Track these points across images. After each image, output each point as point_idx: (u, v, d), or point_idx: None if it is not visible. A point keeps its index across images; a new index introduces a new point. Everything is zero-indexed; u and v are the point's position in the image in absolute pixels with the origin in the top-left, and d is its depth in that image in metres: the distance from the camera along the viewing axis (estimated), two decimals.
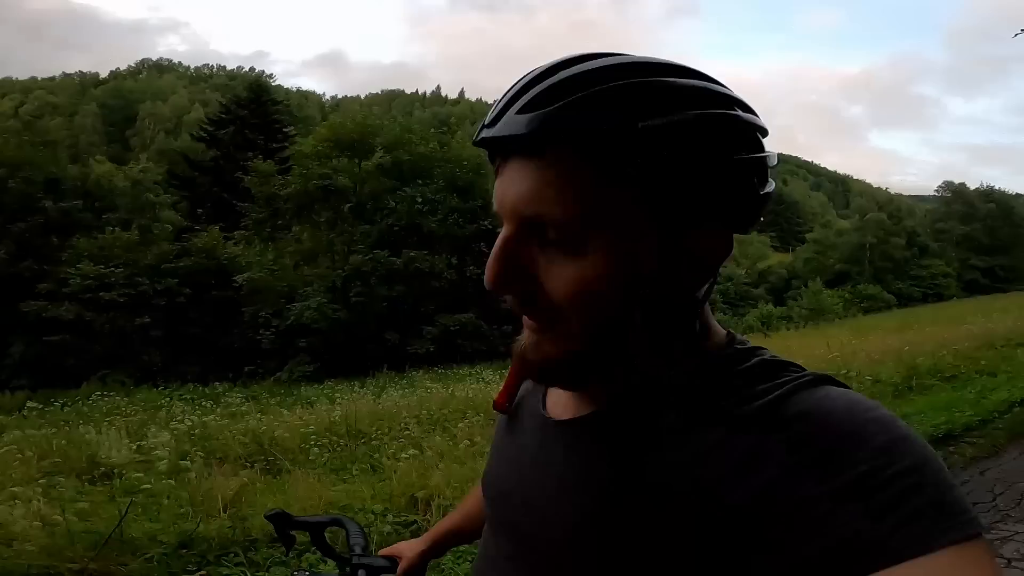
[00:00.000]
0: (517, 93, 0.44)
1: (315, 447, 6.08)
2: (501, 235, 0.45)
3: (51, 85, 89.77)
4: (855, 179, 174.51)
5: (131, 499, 3.21)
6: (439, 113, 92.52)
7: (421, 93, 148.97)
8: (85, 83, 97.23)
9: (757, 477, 0.39)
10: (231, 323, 19.58)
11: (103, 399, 13.24)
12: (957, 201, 54.79)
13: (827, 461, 0.38)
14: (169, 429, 7.54)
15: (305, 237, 20.20)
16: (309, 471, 5.05)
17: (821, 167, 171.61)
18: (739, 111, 0.44)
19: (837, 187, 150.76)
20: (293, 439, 6.63)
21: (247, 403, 12.16)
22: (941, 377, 6.30)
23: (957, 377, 6.29)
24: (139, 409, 11.85)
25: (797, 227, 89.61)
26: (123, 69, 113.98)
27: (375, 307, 17.92)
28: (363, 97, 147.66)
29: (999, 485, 3.42)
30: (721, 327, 0.51)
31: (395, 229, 18.70)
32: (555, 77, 0.42)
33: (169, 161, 37.51)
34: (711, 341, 0.50)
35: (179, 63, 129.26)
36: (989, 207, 52.10)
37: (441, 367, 15.82)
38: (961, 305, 28.78)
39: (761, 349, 0.49)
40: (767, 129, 0.46)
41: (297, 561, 2.59)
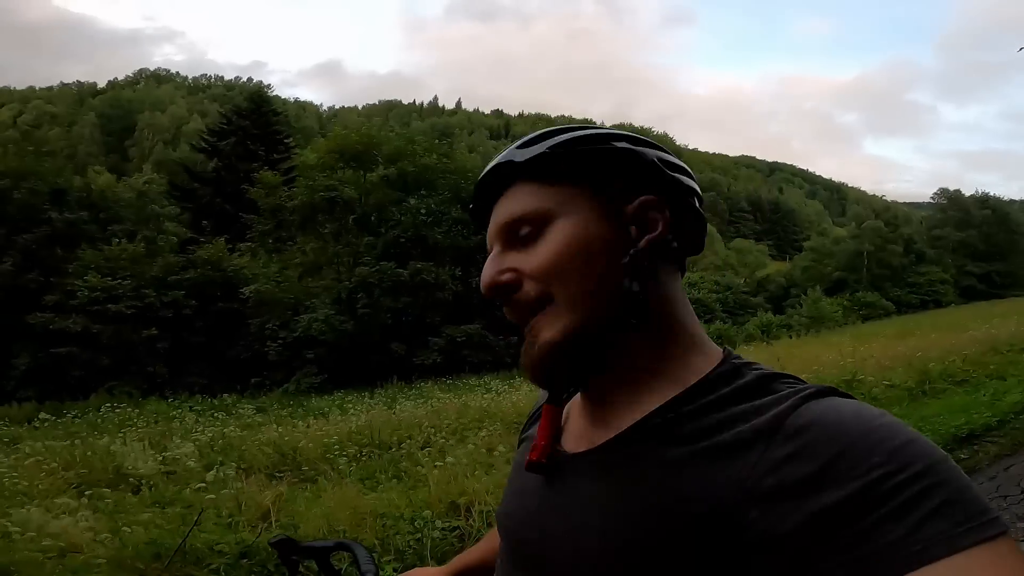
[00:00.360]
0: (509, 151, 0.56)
1: (340, 457, 6.11)
2: (491, 254, 0.55)
3: (49, 95, 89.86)
4: (850, 187, 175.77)
5: (202, 508, 3.24)
6: (437, 124, 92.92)
7: (418, 103, 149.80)
8: (83, 93, 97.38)
9: (775, 493, 0.40)
10: (237, 335, 19.62)
11: (114, 410, 13.26)
12: (953, 208, 54.96)
13: (840, 469, 0.39)
14: (191, 440, 7.63)
15: (310, 249, 20.26)
16: (338, 481, 5.13)
17: (816, 175, 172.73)
18: (613, 131, 0.56)
19: (832, 195, 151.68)
20: (315, 449, 6.70)
21: (258, 414, 12.22)
22: (952, 381, 6.46)
23: (968, 381, 6.46)
24: (151, 420, 11.90)
25: (794, 235, 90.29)
26: (121, 79, 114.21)
27: (381, 319, 17.98)
28: (360, 107, 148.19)
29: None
30: (715, 344, 0.55)
31: (401, 241, 18.81)
32: (542, 139, 0.55)
33: (169, 172, 37.55)
34: (708, 357, 0.53)
35: (177, 73, 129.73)
36: (984, 213, 52.19)
37: (449, 378, 15.89)
38: (959, 311, 28.94)
39: (756, 364, 0.52)
40: (639, 136, 0.56)
41: None
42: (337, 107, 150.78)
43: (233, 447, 7.14)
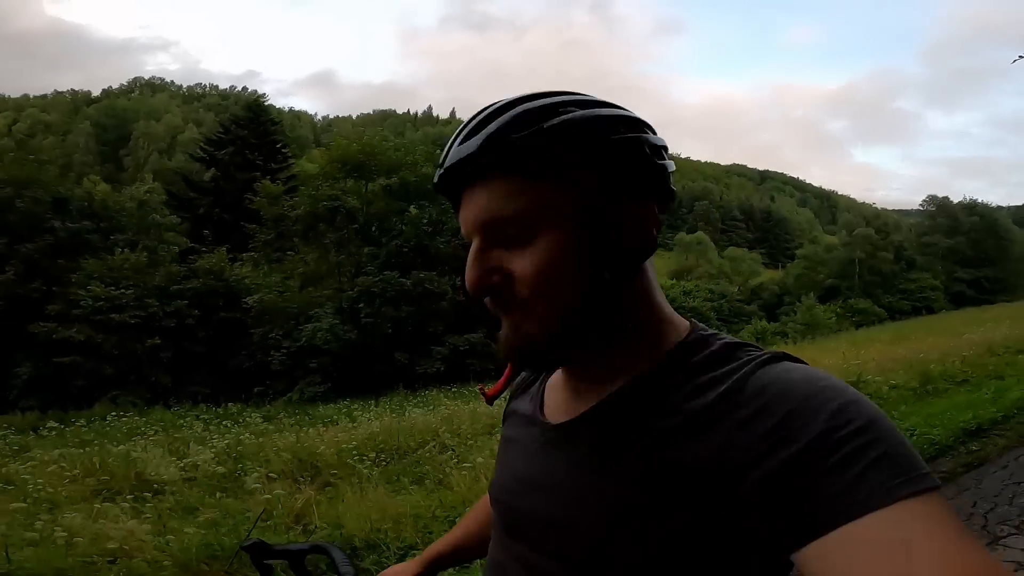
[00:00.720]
0: (457, 135, 0.53)
1: (359, 462, 6.20)
2: (472, 248, 0.53)
3: (43, 103, 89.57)
4: (840, 194, 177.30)
5: (263, 509, 3.38)
6: (431, 133, 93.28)
7: (413, 113, 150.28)
8: (77, 101, 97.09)
9: (740, 454, 0.43)
10: (239, 344, 19.68)
11: (120, 419, 13.29)
12: (941, 215, 55.50)
13: (790, 428, 0.42)
14: (208, 447, 7.73)
15: (312, 258, 20.35)
16: (361, 484, 5.26)
17: (807, 183, 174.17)
18: (616, 110, 0.53)
19: (823, 203, 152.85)
20: (334, 455, 6.81)
21: (266, 423, 12.28)
22: (953, 382, 6.75)
23: (969, 381, 6.75)
24: (158, 429, 11.95)
25: (786, 244, 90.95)
26: (115, 87, 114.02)
27: (384, 328, 18.10)
28: (355, 117, 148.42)
29: None
30: (682, 316, 0.57)
31: (403, 250, 18.96)
32: (482, 115, 0.52)
33: (165, 181, 37.52)
34: (676, 329, 0.55)
35: (171, 82, 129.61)
36: (973, 220, 52.76)
37: (453, 385, 16.01)
38: (951, 317, 29.14)
39: (722, 333, 0.54)
40: (641, 120, 0.54)
41: None
42: (332, 117, 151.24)
43: (251, 453, 7.24)
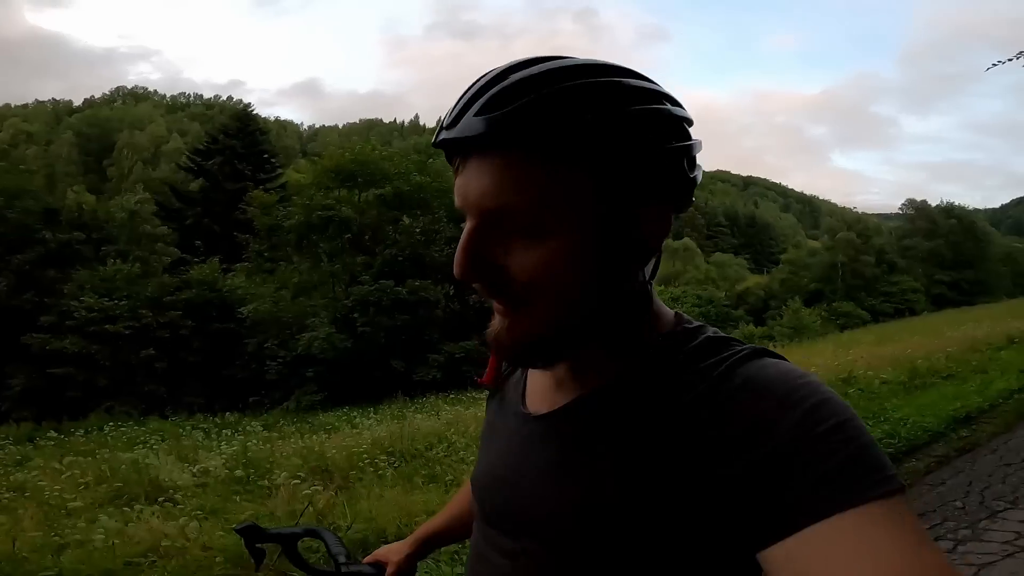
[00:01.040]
0: (473, 96, 0.46)
1: (369, 465, 6.37)
2: (466, 228, 0.48)
3: (24, 112, 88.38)
4: (821, 199, 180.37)
5: (307, 505, 3.54)
6: (419, 142, 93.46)
7: (400, 122, 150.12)
8: (59, 111, 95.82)
9: (718, 450, 0.43)
10: (233, 354, 19.68)
11: (118, 429, 13.30)
12: (921, 218, 56.37)
13: (759, 426, 0.42)
14: (218, 453, 7.85)
15: (305, 268, 20.40)
16: (374, 485, 5.43)
17: (789, 188, 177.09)
18: (668, 105, 0.48)
19: (805, 208, 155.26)
20: (345, 459, 6.97)
21: (267, 431, 12.34)
22: (939, 376, 7.12)
23: (954, 376, 7.12)
24: (158, 438, 11.98)
25: (770, 249, 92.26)
26: (97, 97, 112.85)
27: (380, 336, 18.21)
28: (341, 126, 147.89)
29: (1022, 450, 4.37)
30: (668, 308, 0.55)
31: (399, 260, 19.11)
32: (508, 80, 0.45)
33: (151, 191, 37.30)
34: (661, 322, 0.54)
35: (154, 91, 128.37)
36: (951, 223, 53.54)
37: (452, 392, 16.13)
38: (933, 318, 29.74)
39: (707, 327, 0.53)
40: (692, 119, 0.50)
41: None
42: (317, 126, 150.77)
43: (262, 459, 7.37)
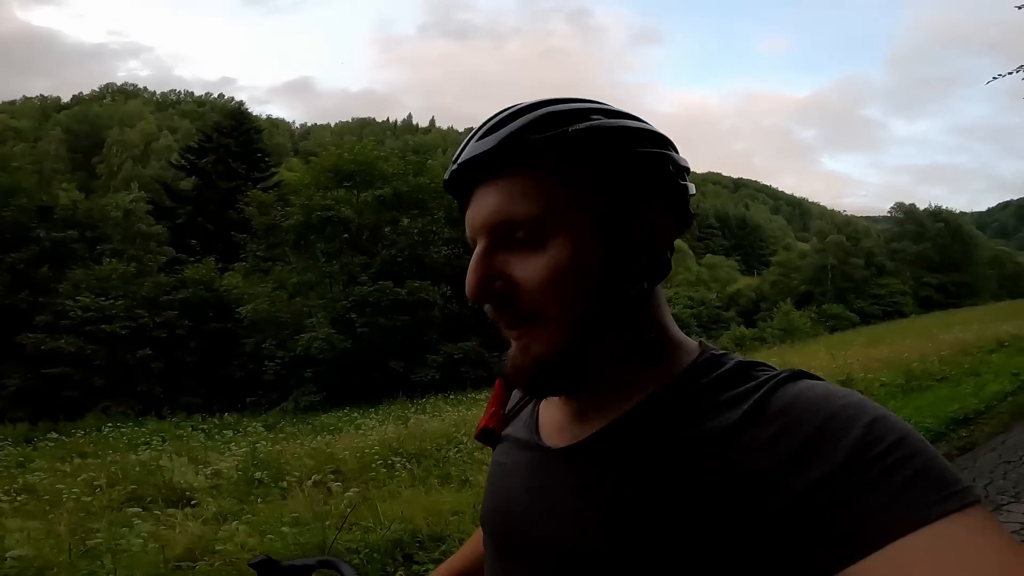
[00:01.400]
0: (480, 128, 0.51)
1: (382, 466, 6.45)
2: (476, 250, 0.50)
3: (12, 109, 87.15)
4: (811, 202, 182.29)
5: (352, 506, 3.62)
6: (411, 142, 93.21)
7: (392, 121, 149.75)
8: (47, 107, 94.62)
9: (767, 473, 0.41)
10: (230, 354, 19.63)
11: (118, 430, 13.24)
12: (909, 221, 57.04)
13: (820, 445, 0.40)
14: (230, 455, 7.90)
15: (303, 268, 20.41)
16: (389, 485, 5.52)
17: (779, 190, 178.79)
18: (643, 124, 0.51)
19: (794, 210, 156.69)
20: (357, 459, 7.05)
21: (268, 432, 12.32)
22: (934, 379, 7.36)
23: (948, 378, 7.35)
24: (158, 439, 11.95)
25: (760, 251, 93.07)
26: (86, 93, 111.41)
27: (379, 337, 18.27)
28: (333, 125, 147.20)
29: (1020, 448, 4.65)
30: (689, 338, 0.55)
31: (398, 260, 19.19)
32: (504, 114, 0.50)
33: (144, 189, 36.99)
34: (685, 349, 0.53)
35: (144, 88, 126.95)
36: (938, 227, 54.18)
37: (450, 393, 16.24)
38: (921, 321, 30.15)
39: (733, 353, 0.52)
40: (668, 138, 0.52)
41: None
42: (309, 124, 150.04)
43: (272, 460, 7.43)
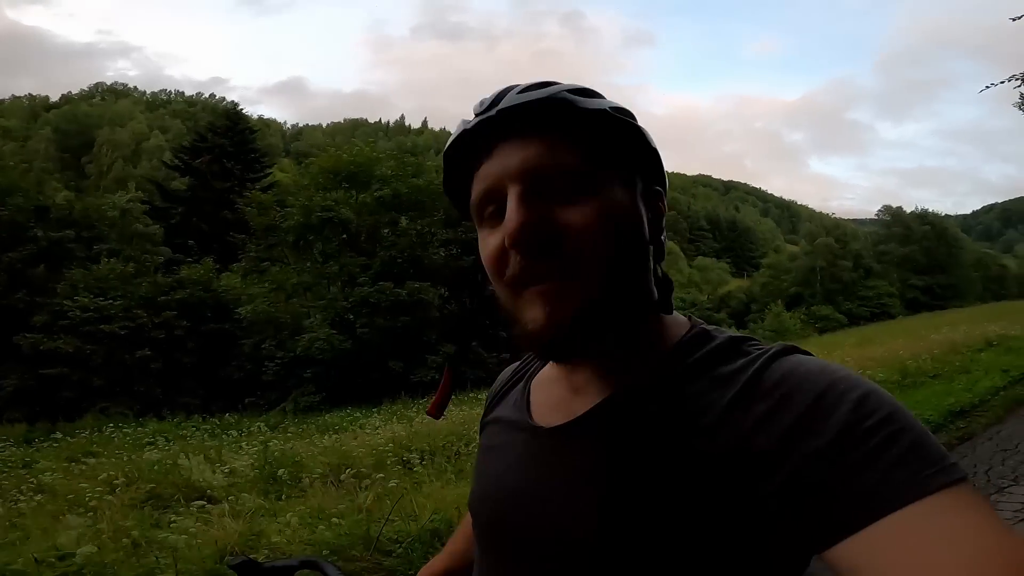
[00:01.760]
0: (508, 89, 0.51)
1: (398, 462, 6.64)
2: (513, 195, 0.48)
3: (0, 108, 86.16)
4: (800, 204, 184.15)
5: (396, 500, 3.77)
6: (403, 143, 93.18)
7: (385, 122, 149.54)
8: (35, 106, 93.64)
9: (764, 446, 0.42)
10: (228, 355, 19.65)
11: (120, 430, 13.26)
12: (896, 224, 57.81)
13: (815, 418, 0.41)
14: (244, 453, 8.04)
15: (303, 269, 20.46)
16: (410, 480, 5.70)
17: (768, 193, 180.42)
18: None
19: (783, 212, 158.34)
20: (371, 456, 7.23)
21: (272, 432, 12.41)
22: (927, 376, 7.74)
23: (940, 375, 7.73)
24: (163, 439, 12.01)
25: (750, 253, 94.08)
26: (75, 93, 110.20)
27: (378, 337, 18.37)
28: (325, 126, 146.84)
29: (1014, 438, 4.97)
30: (678, 312, 0.56)
31: (398, 261, 19.31)
32: (539, 81, 0.51)
33: (136, 189, 36.81)
34: (677, 323, 0.55)
35: (134, 88, 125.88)
36: (925, 229, 54.98)
37: (454, 393, 16.21)
38: (909, 322, 30.53)
39: (723, 328, 0.54)
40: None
41: None
42: (301, 125, 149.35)
43: (287, 458, 7.59)
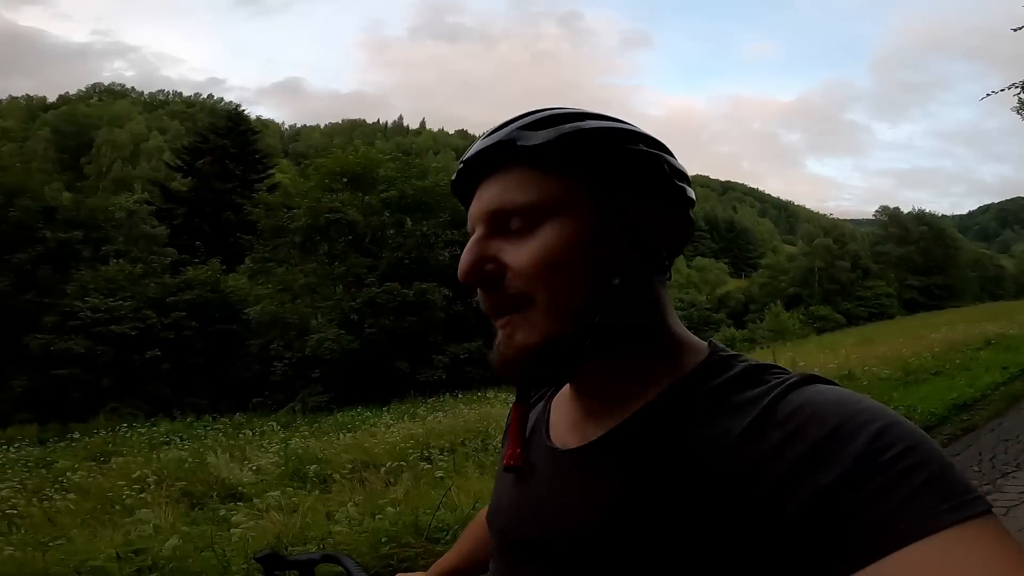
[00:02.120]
0: (480, 137, 0.55)
1: (420, 459, 6.85)
2: (472, 237, 0.53)
3: None
4: (797, 205, 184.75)
5: (448, 488, 3.97)
6: (402, 143, 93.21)
7: (383, 123, 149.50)
8: (33, 107, 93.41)
9: (776, 477, 0.41)
10: (236, 355, 19.82)
11: (135, 430, 13.39)
12: (893, 225, 57.92)
13: (830, 450, 0.40)
14: (271, 452, 8.24)
15: (310, 269, 20.62)
16: (422, 475, 5.91)
17: (766, 194, 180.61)
18: (632, 127, 0.54)
19: (781, 213, 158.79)
20: (390, 453, 7.44)
21: (284, 431, 12.55)
22: (929, 373, 7.96)
23: (942, 372, 7.95)
24: (179, 439, 12.16)
25: (748, 253, 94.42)
26: (72, 93, 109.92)
27: (385, 337, 18.56)
28: (323, 126, 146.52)
29: (1015, 429, 5.24)
30: (699, 339, 0.56)
31: (405, 262, 19.50)
32: (507, 120, 0.54)
33: (142, 190, 36.89)
34: (694, 349, 0.54)
35: (132, 88, 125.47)
36: (922, 230, 55.12)
37: (459, 393, 16.53)
38: (907, 322, 30.69)
39: (743, 355, 0.53)
40: (663, 143, 0.55)
41: None
42: (299, 126, 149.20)
43: (310, 455, 7.79)
